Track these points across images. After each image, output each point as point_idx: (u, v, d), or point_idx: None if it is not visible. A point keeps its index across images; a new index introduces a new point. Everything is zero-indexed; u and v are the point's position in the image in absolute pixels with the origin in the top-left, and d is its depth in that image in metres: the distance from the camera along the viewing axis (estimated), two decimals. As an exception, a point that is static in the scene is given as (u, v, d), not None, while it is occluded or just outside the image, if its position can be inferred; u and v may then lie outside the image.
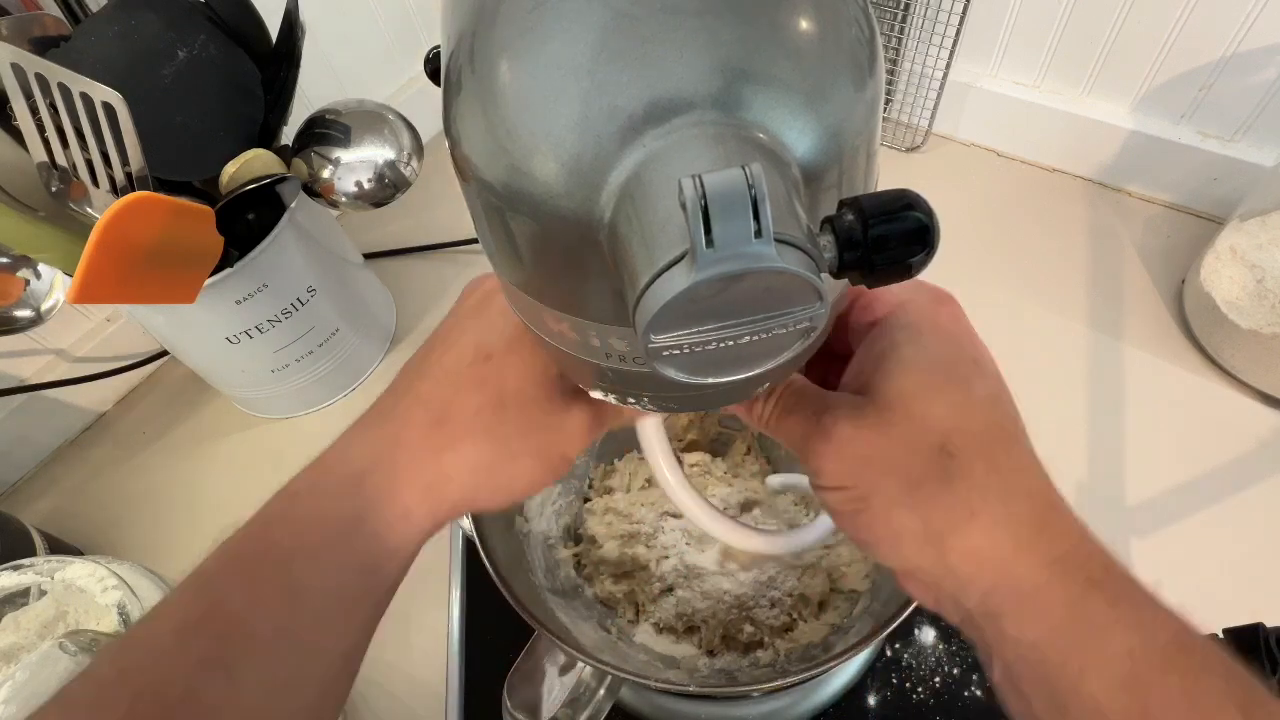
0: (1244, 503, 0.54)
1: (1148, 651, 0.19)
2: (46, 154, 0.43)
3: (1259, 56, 0.62)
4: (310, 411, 0.68)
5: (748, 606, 0.46)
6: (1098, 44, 0.69)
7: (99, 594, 0.40)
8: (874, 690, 0.48)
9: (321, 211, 0.61)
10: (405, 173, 0.56)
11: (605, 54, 0.15)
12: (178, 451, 0.67)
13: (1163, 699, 0.19)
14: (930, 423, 0.22)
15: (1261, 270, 0.59)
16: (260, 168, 0.50)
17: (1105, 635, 0.20)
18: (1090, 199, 0.76)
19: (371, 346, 0.70)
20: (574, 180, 0.16)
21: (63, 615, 0.42)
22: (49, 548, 0.56)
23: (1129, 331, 0.65)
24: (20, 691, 0.37)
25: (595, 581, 0.48)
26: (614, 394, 0.24)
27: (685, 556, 0.48)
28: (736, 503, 0.51)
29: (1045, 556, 0.21)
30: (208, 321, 0.56)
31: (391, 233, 0.80)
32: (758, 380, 0.23)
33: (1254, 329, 0.57)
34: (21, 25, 0.45)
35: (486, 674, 0.50)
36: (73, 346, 0.67)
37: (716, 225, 0.13)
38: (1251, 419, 0.58)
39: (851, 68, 0.17)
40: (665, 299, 0.13)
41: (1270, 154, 0.66)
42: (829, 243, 0.15)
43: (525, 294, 0.20)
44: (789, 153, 0.16)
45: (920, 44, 0.75)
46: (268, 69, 0.53)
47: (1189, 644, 0.20)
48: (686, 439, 0.54)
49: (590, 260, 0.16)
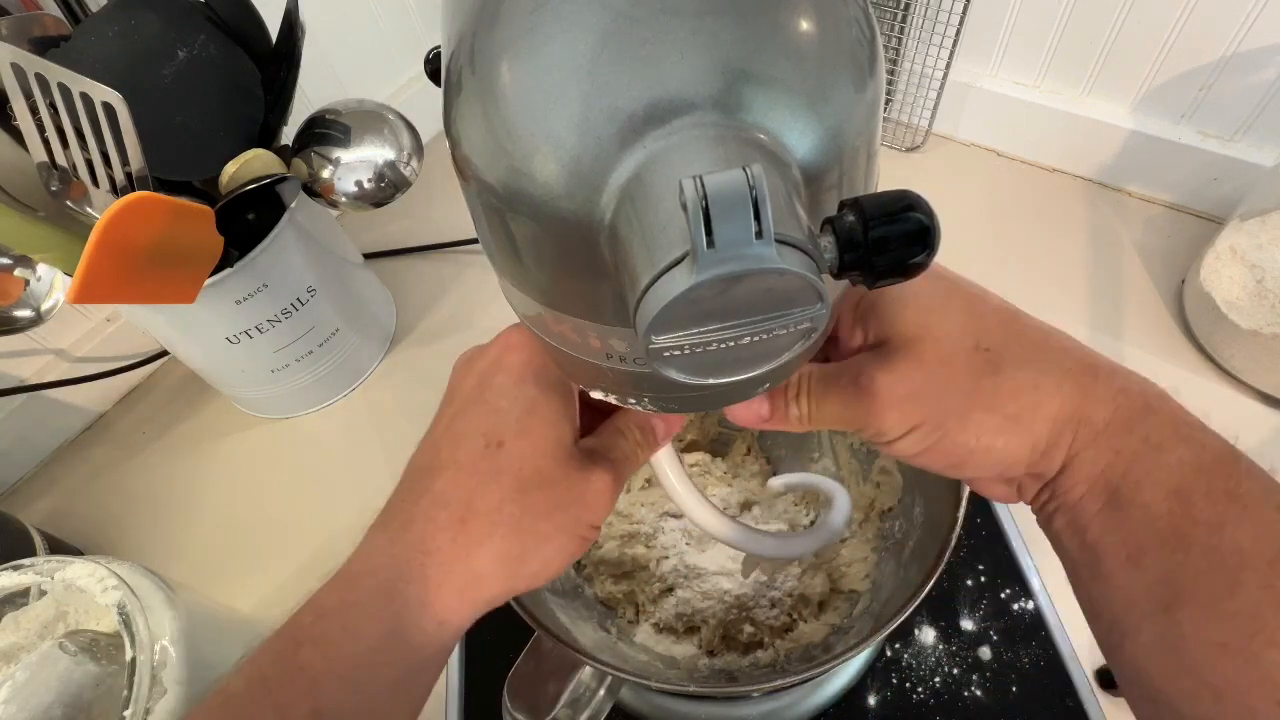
0: (1244, 503, 0.54)
1: (1198, 462, 0.21)
2: (46, 154, 0.42)
3: (1259, 56, 0.62)
4: (310, 411, 0.68)
5: (748, 607, 0.46)
6: (1098, 44, 0.69)
7: (99, 594, 0.40)
8: (874, 690, 0.48)
9: (321, 211, 0.61)
10: (405, 173, 0.56)
11: (606, 55, 0.15)
12: (178, 451, 0.67)
13: (1206, 501, 0.21)
14: (954, 332, 0.23)
15: (1261, 270, 0.59)
16: (260, 168, 0.50)
17: (1160, 450, 0.22)
18: (1090, 199, 0.76)
19: (371, 346, 0.70)
20: (574, 181, 0.16)
21: (63, 615, 0.42)
22: (49, 548, 0.56)
23: (1129, 331, 0.65)
24: (20, 691, 0.37)
25: (595, 582, 0.48)
26: (614, 394, 0.24)
27: (685, 556, 0.48)
28: (736, 503, 0.51)
29: (1107, 393, 0.23)
30: (208, 321, 0.56)
31: (391, 233, 0.80)
32: (758, 381, 0.23)
33: (1254, 329, 0.57)
34: (21, 25, 0.44)
35: (486, 674, 0.50)
36: (73, 346, 0.67)
37: (717, 226, 0.13)
38: (1251, 419, 0.58)
39: (852, 68, 0.17)
40: (666, 300, 0.13)
41: (1270, 154, 0.66)
42: (829, 244, 0.15)
43: (525, 295, 0.20)
44: (789, 154, 0.16)
45: (920, 44, 0.75)
46: (268, 69, 0.53)
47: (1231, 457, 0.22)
48: (686, 439, 0.54)
49: (591, 261, 0.16)
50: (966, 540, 0.53)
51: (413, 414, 0.67)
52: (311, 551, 0.59)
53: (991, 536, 0.53)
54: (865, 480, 0.48)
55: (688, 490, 0.32)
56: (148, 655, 0.38)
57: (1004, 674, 0.48)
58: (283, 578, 0.58)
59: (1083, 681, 0.47)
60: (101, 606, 0.40)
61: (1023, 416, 0.23)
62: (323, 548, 0.59)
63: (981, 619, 0.50)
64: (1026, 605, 0.50)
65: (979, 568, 0.52)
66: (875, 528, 0.46)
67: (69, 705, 0.38)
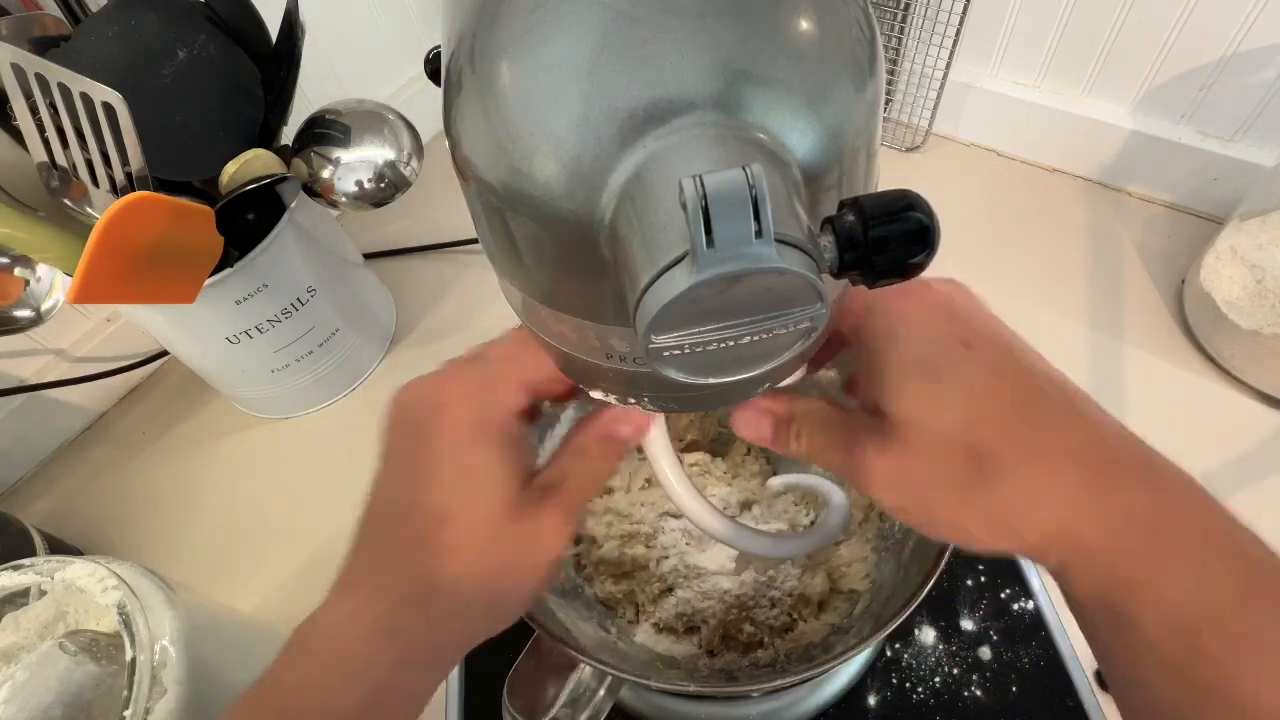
0: (1244, 503, 0.54)
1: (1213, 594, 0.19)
2: (46, 154, 0.43)
3: (1259, 56, 0.62)
4: (310, 411, 0.68)
5: (748, 606, 0.46)
6: (1098, 44, 0.69)
7: (99, 594, 0.40)
8: (874, 690, 0.48)
9: (321, 211, 0.61)
10: (405, 173, 0.56)
11: (606, 55, 0.15)
12: (178, 451, 0.67)
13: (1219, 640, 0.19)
14: (945, 431, 0.22)
15: (1261, 270, 0.59)
16: (260, 168, 0.50)
17: (1161, 584, 0.20)
18: (1090, 199, 0.76)
19: (371, 346, 0.70)
20: (574, 181, 0.16)
21: (63, 615, 0.42)
22: (49, 548, 0.56)
23: (1129, 331, 0.65)
24: (20, 691, 0.37)
25: (595, 581, 0.48)
26: (614, 394, 0.24)
27: (685, 556, 0.48)
28: (736, 502, 0.51)
29: (1108, 512, 0.21)
30: (208, 321, 0.56)
31: (391, 233, 0.80)
32: (758, 380, 0.23)
33: (1254, 329, 0.57)
34: (21, 25, 0.45)
35: (486, 674, 0.50)
36: (73, 346, 0.67)
37: (717, 226, 0.13)
38: (1251, 419, 0.58)
39: (852, 68, 0.17)
40: (666, 299, 0.13)
41: (1270, 154, 0.66)
42: (829, 243, 0.15)
43: (525, 294, 0.20)
44: (789, 153, 0.16)
45: (920, 44, 0.75)
46: (268, 69, 0.53)
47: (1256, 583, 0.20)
48: (686, 439, 0.54)
49: (590, 261, 0.16)
50: (966, 540, 0.53)
51: (413, 414, 0.67)
52: (311, 551, 0.59)
53: (991, 536, 0.53)
54: (865, 480, 0.48)
55: (684, 486, 0.32)
56: (148, 655, 0.38)
57: (1004, 674, 0.48)
58: (283, 578, 0.58)
59: (1083, 681, 0.47)
60: (101, 606, 0.40)
61: (1010, 524, 0.22)
62: (323, 548, 0.59)
63: (981, 619, 0.50)
64: (1026, 605, 0.50)
65: (979, 568, 0.52)
66: (875, 528, 0.46)
67: (69, 705, 0.38)
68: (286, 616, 0.58)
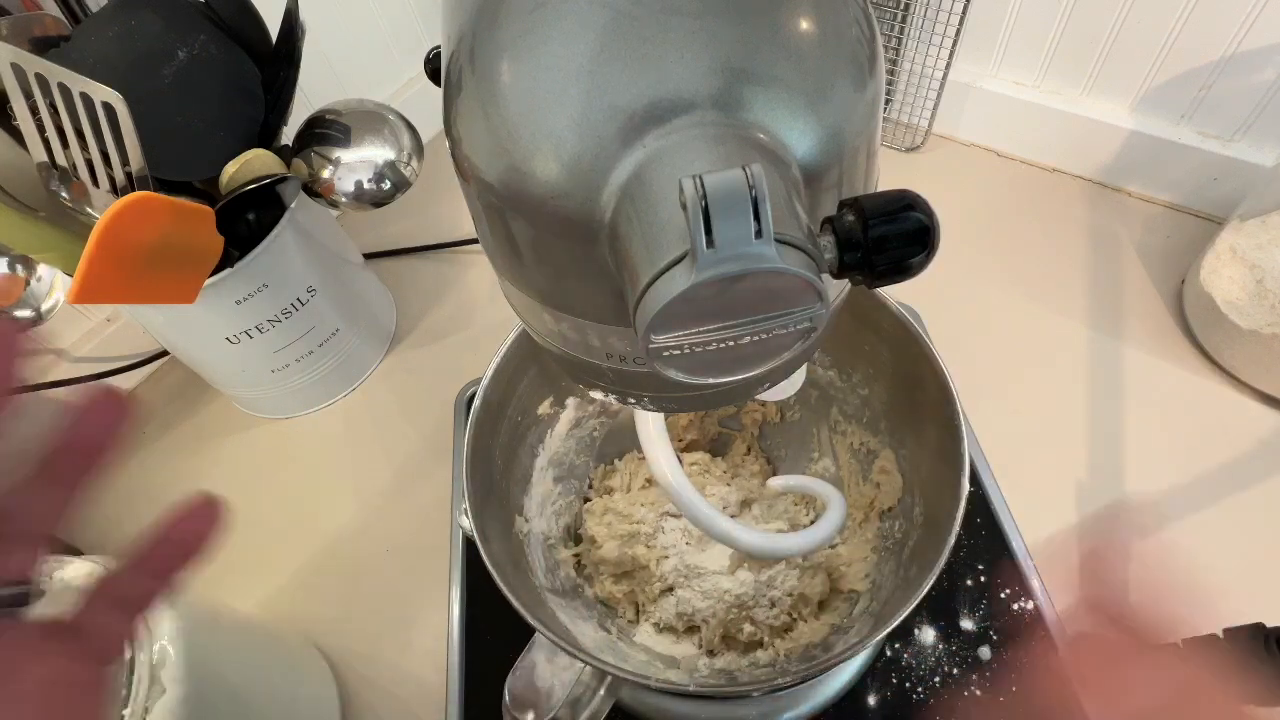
0: (1244, 503, 0.54)
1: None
2: (46, 154, 0.43)
3: (1259, 56, 0.62)
4: (310, 411, 0.68)
5: (748, 606, 0.46)
6: (1098, 44, 0.69)
7: (99, 594, 0.40)
8: (874, 690, 0.48)
9: (321, 211, 0.61)
10: (405, 173, 0.56)
11: (606, 54, 0.15)
12: (178, 451, 0.67)
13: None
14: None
15: (1261, 270, 0.59)
16: (260, 168, 0.50)
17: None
18: (1090, 199, 0.76)
19: (371, 347, 0.70)
20: (575, 180, 0.16)
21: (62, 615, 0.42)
22: (48, 548, 0.56)
23: (1129, 331, 0.65)
24: (20, 691, 0.37)
25: (595, 581, 0.48)
26: (614, 394, 0.24)
27: (685, 556, 0.48)
28: (736, 502, 0.51)
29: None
30: (208, 321, 0.56)
31: (391, 233, 0.80)
32: (758, 380, 0.23)
33: (1254, 329, 0.57)
34: (21, 25, 0.45)
35: (486, 674, 0.50)
36: (73, 346, 0.67)
37: (717, 225, 0.13)
38: (1251, 419, 0.58)
39: (852, 68, 0.17)
40: (666, 299, 0.13)
41: (1270, 154, 0.66)
42: (829, 243, 0.15)
43: (525, 294, 0.20)
44: (789, 153, 0.16)
45: (920, 44, 0.75)
46: (268, 69, 0.53)
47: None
48: (686, 439, 0.54)
49: (590, 260, 0.16)
50: (966, 540, 0.53)
51: (412, 414, 0.67)
52: (311, 551, 0.59)
53: (991, 536, 0.53)
54: (865, 480, 0.48)
55: (681, 484, 0.32)
56: (147, 654, 0.38)
57: (1004, 674, 0.48)
58: (282, 577, 0.58)
59: (1083, 681, 0.47)
60: (101, 606, 0.40)
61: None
62: (322, 548, 0.59)
63: (981, 619, 0.50)
64: (1026, 605, 0.50)
65: (979, 568, 0.52)
66: (875, 528, 0.46)
67: (69, 705, 0.38)
68: (286, 616, 0.58)
